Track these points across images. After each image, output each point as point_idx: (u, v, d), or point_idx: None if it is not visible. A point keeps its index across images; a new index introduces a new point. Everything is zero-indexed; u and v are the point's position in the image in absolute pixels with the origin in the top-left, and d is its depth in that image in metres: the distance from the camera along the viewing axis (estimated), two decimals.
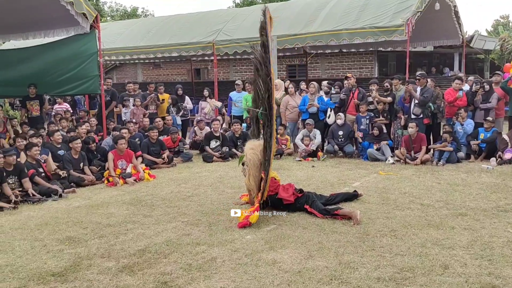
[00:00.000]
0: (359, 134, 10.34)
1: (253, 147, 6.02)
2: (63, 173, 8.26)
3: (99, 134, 10.70)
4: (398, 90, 10.68)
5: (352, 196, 6.84)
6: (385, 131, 10.22)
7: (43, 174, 7.97)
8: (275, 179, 6.42)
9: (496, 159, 9.23)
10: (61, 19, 10.38)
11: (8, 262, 4.74)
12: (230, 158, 10.58)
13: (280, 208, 6.29)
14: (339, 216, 5.89)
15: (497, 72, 11.45)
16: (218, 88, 14.89)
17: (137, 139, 10.10)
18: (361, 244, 5.00)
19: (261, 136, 6.04)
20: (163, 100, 12.53)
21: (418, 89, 10.08)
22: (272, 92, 5.77)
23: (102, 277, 4.34)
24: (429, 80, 10.64)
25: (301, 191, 6.44)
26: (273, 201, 6.29)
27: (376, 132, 10.02)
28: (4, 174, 7.24)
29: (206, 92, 13.03)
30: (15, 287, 4.15)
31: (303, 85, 12.16)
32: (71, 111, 12.58)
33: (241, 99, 12.45)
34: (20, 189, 7.44)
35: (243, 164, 6.32)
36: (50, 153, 8.57)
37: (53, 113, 12.60)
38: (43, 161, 8.21)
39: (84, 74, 10.65)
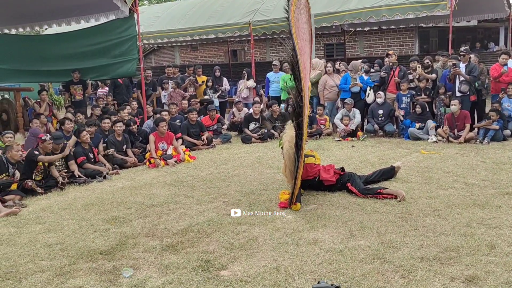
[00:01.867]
0: (400, 112, 10.13)
1: (289, 139, 5.81)
2: (110, 151, 8.49)
3: (139, 117, 10.88)
4: (445, 68, 10.35)
5: (390, 171, 6.75)
6: (427, 109, 9.97)
7: (93, 159, 8.18)
8: (314, 164, 6.33)
9: None
10: (101, 3, 10.54)
11: (58, 241, 4.93)
12: (268, 139, 10.58)
13: (321, 190, 6.27)
14: (381, 195, 5.82)
15: None
16: (255, 69, 14.84)
17: (177, 121, 10.23)
18: (403, 224, 4.94)
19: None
20: (202, 82, 12.63)
21: (462, 65, 9.77)
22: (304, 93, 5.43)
23: (147, 255, 4.45)
24: (472, 55, 10.26)
25: (342, 169, 6.39)
26: (313, 185, 6.25)
27: (419, 110, 9.79)
28: None
29: (244, 73, 13.03)
30: (65, 264, 4.31)
31: (337, 65, 11.88)
32: (111, 94, 12.81)
33: (279, 80, 12.38)
34: (66, 170, 7.71)
35: (282, 148, 6.26)
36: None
37: (95, 97, 12.91)
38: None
39: (124, 57, 10.84)
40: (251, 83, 13.03)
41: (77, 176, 7.57)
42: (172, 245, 4.67)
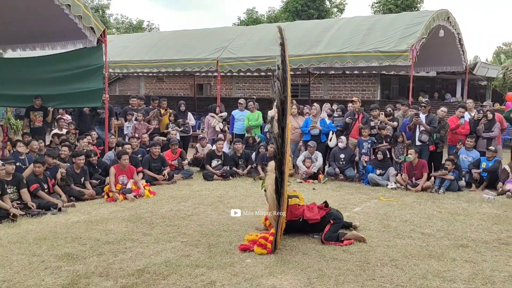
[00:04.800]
0: (364, 158, 10.30)
1: (271, 183, 5.78)
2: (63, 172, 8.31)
3: (99, 148, 10.66)
4: (406, 117, 10.70)
5: (348, 225, 6.77)
6: (388, 156, 10.22)
7: (46, 190, 7.89)
8: (299, 205, 6.30)
9: (497, 190, 9.25)
10: (69, 32, 10.41)
11: (6, 278, 4.70)
12: (230, 177, 10.55)
13: (306, 230, 6.24)
14: (343, 243, 5.89)
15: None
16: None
17: (139, 155, 10.06)
18: (361, 273, 4.97)
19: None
20: (166, 110, 12.54)
21: (423, 116, 10.11)
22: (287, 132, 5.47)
23: None
24: (444, 108, 10.45)
25: (326, 204, 6.45)
26: (297, 226, 6.20)
27: (380, 156, 10.02)
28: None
29: (218, 109, 13.18)
30: None
31: (306, 109, 12.09)
32: (74, 123, 12.56)
33: (243, 118, 12.47)
34: (19, 201, 7.40)
35: (265, 190, 6.16)
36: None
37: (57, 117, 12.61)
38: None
39: (90, 87, 10.65)
40: (223, 114, 13.15)
41: (31, 207, 7.29)
42: (126, 287, 4.53)
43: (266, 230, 6.22)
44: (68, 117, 13.04)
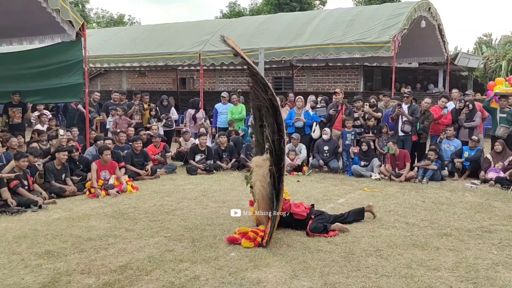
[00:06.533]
0: (353, 150, 10.28)
1: (260, 179, 5.72)
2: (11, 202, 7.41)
3: (80, 145, 10.49)
4: (388, 107, 10.74)
5: (361, 211, 6.70)
6: (372, 147, 10.23)
7: (26, 187, 7.70)
8: (285, 199, 6.16)
9: (480, 179, 9.33)
10: (47, 26, 10.23)
11: None
12: (214, 171, 10.48)
13: (291, 226, 6.19)
14: (328, 234, 5.89)
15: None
16: (203, 99, 14.81)
17: (125, 151, 9.90)
18: (346, 264, 4.96)
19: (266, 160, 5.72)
20: (149, 105, 12.40)
21: (405, 106, 10.15)
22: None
23: None
24: (428, 99, 10.51)
25: (312, 206, 6.47)
26: (284, 220, 6.09)
27: (364, 147, 10.03)
28: None
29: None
30: None
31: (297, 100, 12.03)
32: (54, 119, 12.35)
33: (227, 111, 12.40)
34: None
35: (251, 187, 6.10)
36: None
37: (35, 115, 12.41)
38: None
39: (69, 82, 10.49)
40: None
41: (11, 204, 7.14)
42: (109, 283, 4.45)
43: (256, 226, 6.16)
44: (47, 113, 12.85)
